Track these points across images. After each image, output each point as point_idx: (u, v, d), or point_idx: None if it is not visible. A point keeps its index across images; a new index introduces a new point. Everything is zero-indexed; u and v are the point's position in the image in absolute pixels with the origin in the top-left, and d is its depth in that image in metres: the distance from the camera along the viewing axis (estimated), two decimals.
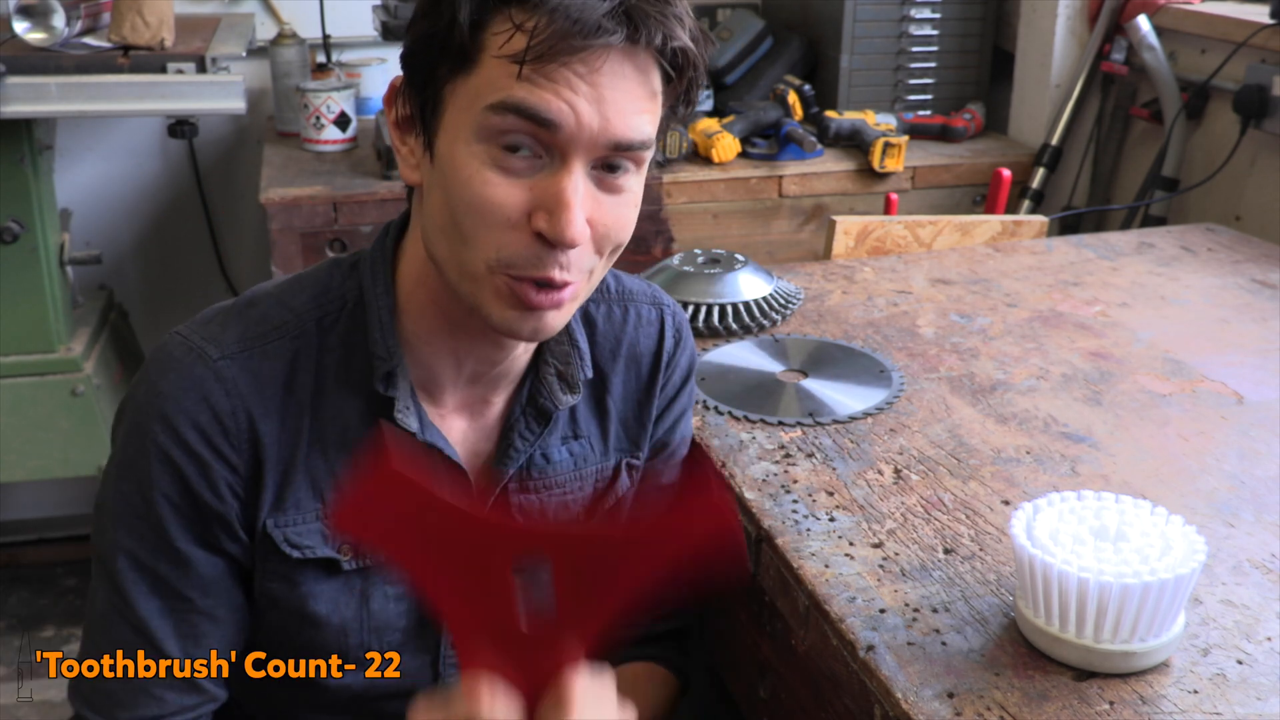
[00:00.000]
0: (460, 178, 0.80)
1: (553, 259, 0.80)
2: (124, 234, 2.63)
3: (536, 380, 0.95)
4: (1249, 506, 1.03)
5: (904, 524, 1.01)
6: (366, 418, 0.89)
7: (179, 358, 0.86)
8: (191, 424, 0.84)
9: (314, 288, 0.91)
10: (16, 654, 2.46)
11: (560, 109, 0.77)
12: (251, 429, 0.85)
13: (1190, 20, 2.06)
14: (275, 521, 0.88)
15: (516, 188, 0.79)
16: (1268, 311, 1.47)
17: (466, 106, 0.79)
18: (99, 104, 1.88)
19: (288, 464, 0.87)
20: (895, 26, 2.39)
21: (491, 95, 0.77)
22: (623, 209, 0.83)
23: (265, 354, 0.87)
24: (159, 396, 0.85)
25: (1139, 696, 0.80)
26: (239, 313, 0.89)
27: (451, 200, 0.81)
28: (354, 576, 0.92)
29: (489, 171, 0.79)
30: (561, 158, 0.79)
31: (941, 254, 1.71)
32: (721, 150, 2.18)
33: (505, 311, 0.83)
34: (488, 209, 0.79)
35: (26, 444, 2.12)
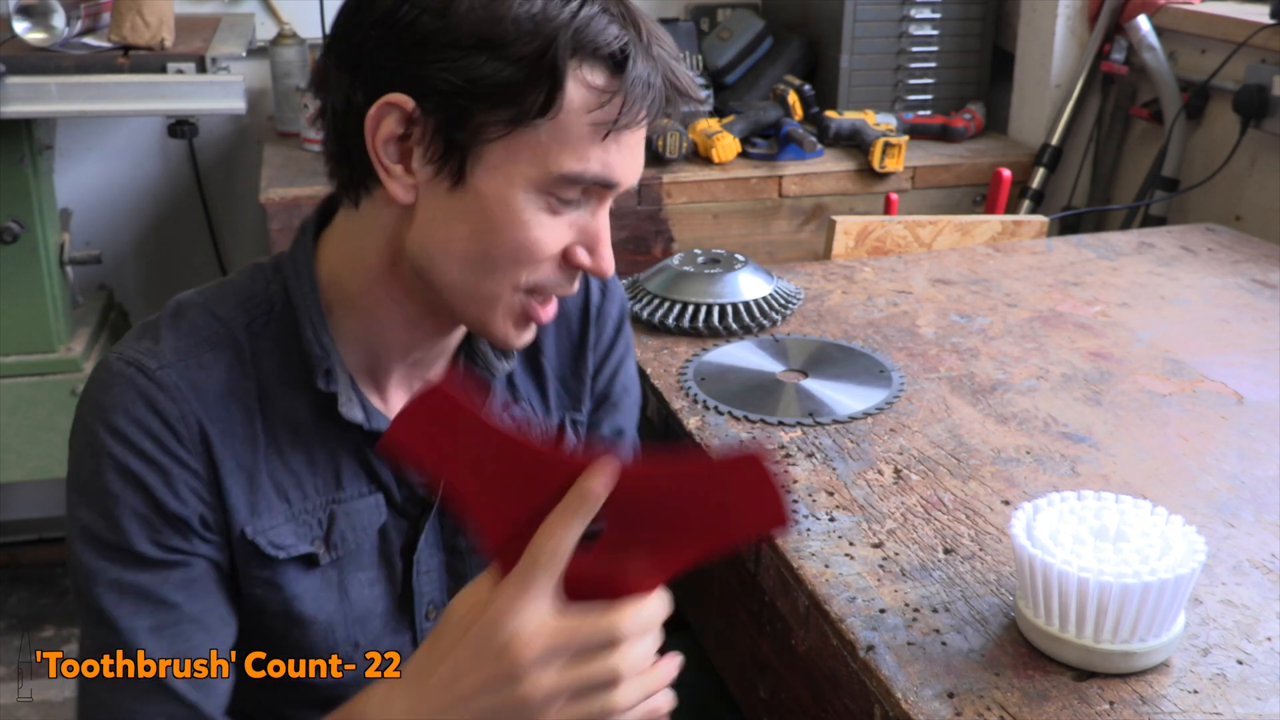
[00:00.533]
0: (510, 218, 0.82)
1: (575, 279, 0.88)
2: (124, 234, 2.63)
3: (470, 352, 0.98)
4: (1249, 506, 1.03)
5: (904, 524, 1.01)
6: (314, 413, 0.90)
7: (118, 371, 0.85)
8: (143, 431, 0.83)
9: (238, 295, 0.91)
10: (16, 654, 2.46)
11: (624, 172, 0.84)
12: (202, 433, 0.85)
13: (1190, 20, 2.06)
14: (254, 528, 0.88)
15: (560, 227, 0.84)
16: (1268, 311, 1.48)
17: (532, 161, 0.81)
18: (99, 104, 1.88)
19: (250, 469, 0.88)
20: (895, 26, 2.39)
21: (572, 164, 0.81)
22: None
23: (201, 364, 0.86)
24: (106, 411, 0.84)
25: (1139, 696, 0.80)
26: (168, 325, 0.88)
27: (492, 237, 0.83)
28: (330, 570, 0.92)
29: (544, 215, 0.83)
30: (599, 200, 0.86)
31: (941, 254, 1.71)
32: (721, 150, 2.18)
33: (511, 329, 0.88)
34: (537, 249, 0.84)
35: (26, 444, 2.12)
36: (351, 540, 0.93)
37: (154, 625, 0.85)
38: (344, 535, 0.92)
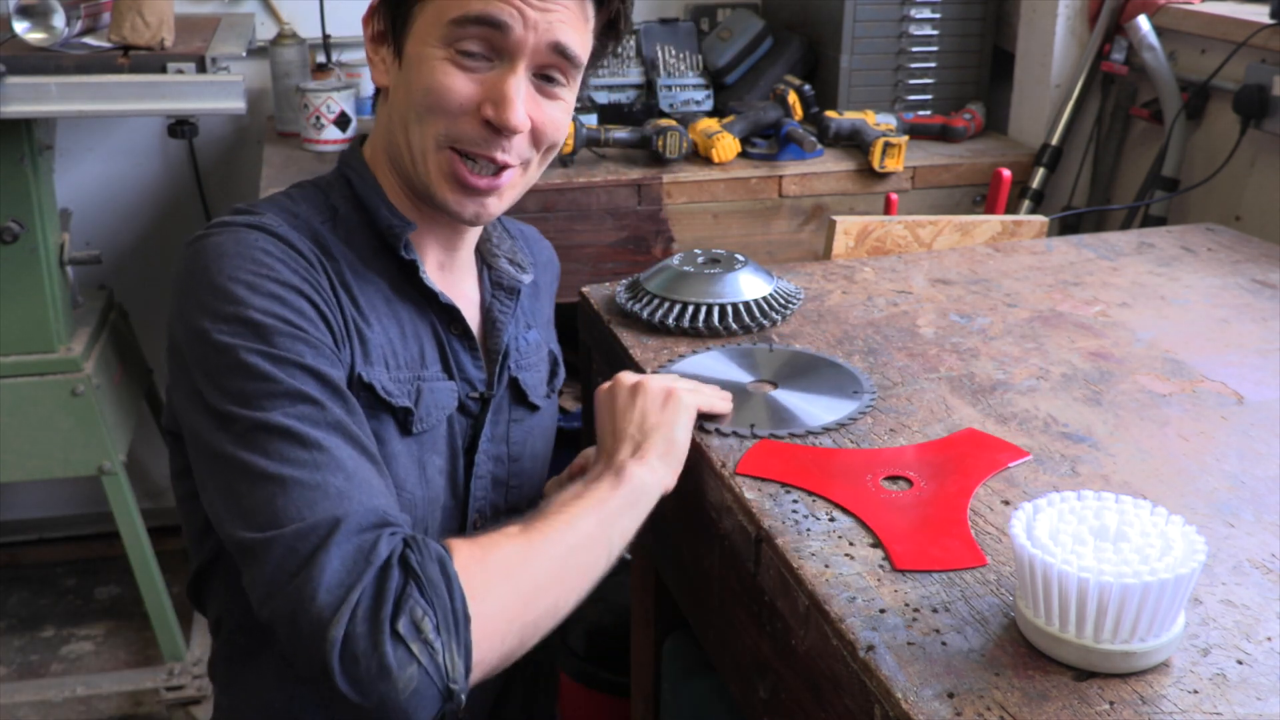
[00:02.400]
0: (424, 69, 0.97)
1: (496, 142, 0.98)
2: (124, 234, 2.63)
3: (493, 270, 1.17)
4: (1249, 506, 1.03)
5: None
6: (390, 295, 1.02)
7: (240, 224, 0.95)
8: (294, 254, 0.93)
9: (306, 201, 1.04)
10: (16, 654, 2.46)
11: (511, 13, 0.95)
12: (328, 274, 0.96)
13: (1190, 20, 2.06)
14: (368, 373, 0.96)
15: (470, 82, 0.97)
16: (1268, 311, 1.48)
17: (433, 20, 0.96)
18: (99, 104, 1.88)
19: (358, 321, 0.98)
20: (895, 26, 2.39)
21: (454, 11, 0.95)
22: (557, 111, 1.02)
23: (296, 239, 0.96)
24: (251, 247, 0.91)
25: (1139, 696, 0.80)
26: (258, 209, 0.99)
27: (413, 89, 0.97)
28: (413, 443, 1.01)
29: (449, 66, 0.96)
30: (510, 59, 0.97)
31: (941, 254, 1.71)
32: (721, 150, 2.18)
33: (448, 194, 1.00)
34: (444, 94, 0.96)
35: (26, 444, 2.12)
36: (430, 419, 1.03)
37: (333, 422, 0.86)
38: (428, 410, 1.02)
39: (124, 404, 2.29)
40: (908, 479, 1.07)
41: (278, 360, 0.85)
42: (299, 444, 0.83)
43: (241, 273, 0.88)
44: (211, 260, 0.89)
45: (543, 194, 2.06)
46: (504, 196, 1.03)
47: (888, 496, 1.05)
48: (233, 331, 0.86)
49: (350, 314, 0.97)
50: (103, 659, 2.45)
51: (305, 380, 0.86)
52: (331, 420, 0.85)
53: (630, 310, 1.42)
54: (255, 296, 0.87)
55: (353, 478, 0.83)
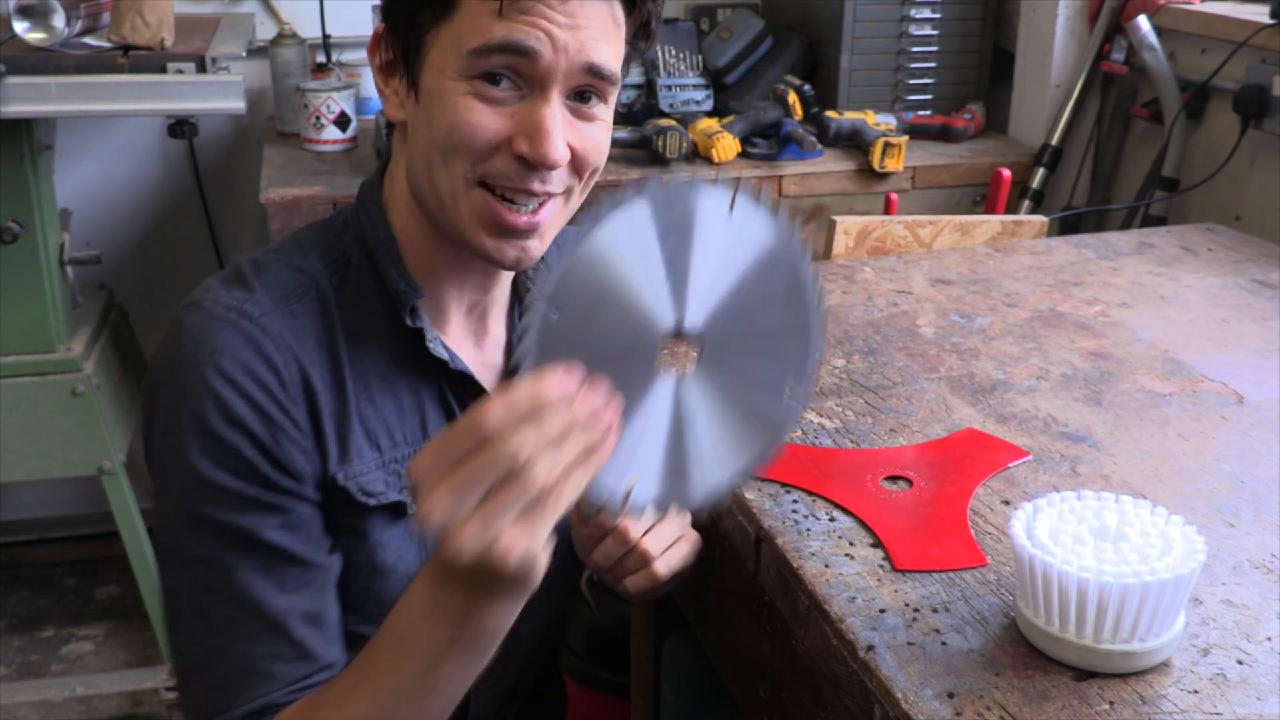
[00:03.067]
0: (445, 105, 0.86)
1: (534, 175, 0.88)
2: (124, 234, 2.63)
3: (524, 309, 0.99)
4: (1249, 506, 1.03)
5: None
6: (398, 358, 0.93)
7: (221, 316, 0.87)
8: (252, 377, 0.85)
9: (317, 249, 0.95)
10: (16, 654, 2.46)
11: (539, 37, 0.84)
12: (305, 378, 0.88)
13: (1190, 20, 2.06)
14: (345, 473, 0.90)
15: (498, 115, 0.86)
16: (1268, 311, 1.48)
17: (450, 49, 0.86)
18: (99, 104, 1.88)
19: (340, 415, 0.90)
20: (895, 26, 2.39)
21: (474, 39, 0.84)
22: (597, 134, 0.91)
23: (294, 313, 0.89)
24: (213, 354, 0.85)
25: (1139, 696, 0.80)
26: (252, 276, 0.91)
27: (435, 127, 0.87)
28: (414, 520, 0.93)
29: (473, 100, 0.86)
30: (541, 87, 0.86)
31: (941, 254, 1.71)
32: (721, 150, 2.18)
33: (484, 238, 0.89)
34: (470, 130, 0.86)
35: (26, 444, 2.11)
36: None
37: (262, 566, 0.85)
38: None
39: (124, 404, 2.29)
40: (908, 479, 1.07)
41: (202, 522, 0.84)
42: (197, 614, 0.86)
43: (195, 429, 0.84)
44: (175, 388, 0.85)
45: None
46: (546, 235, 0.92)
47: (888, 496, 1.05)
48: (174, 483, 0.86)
49: (329, 412, 0.89)
50: (103, 659, 2.45)
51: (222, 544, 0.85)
52: (235, 594, 0.84)
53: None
54: (202, 461, 0.84)
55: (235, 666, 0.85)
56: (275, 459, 0.85)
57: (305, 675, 0.87)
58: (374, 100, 2.44)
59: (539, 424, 0.66)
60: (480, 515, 0.66)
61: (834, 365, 1.33)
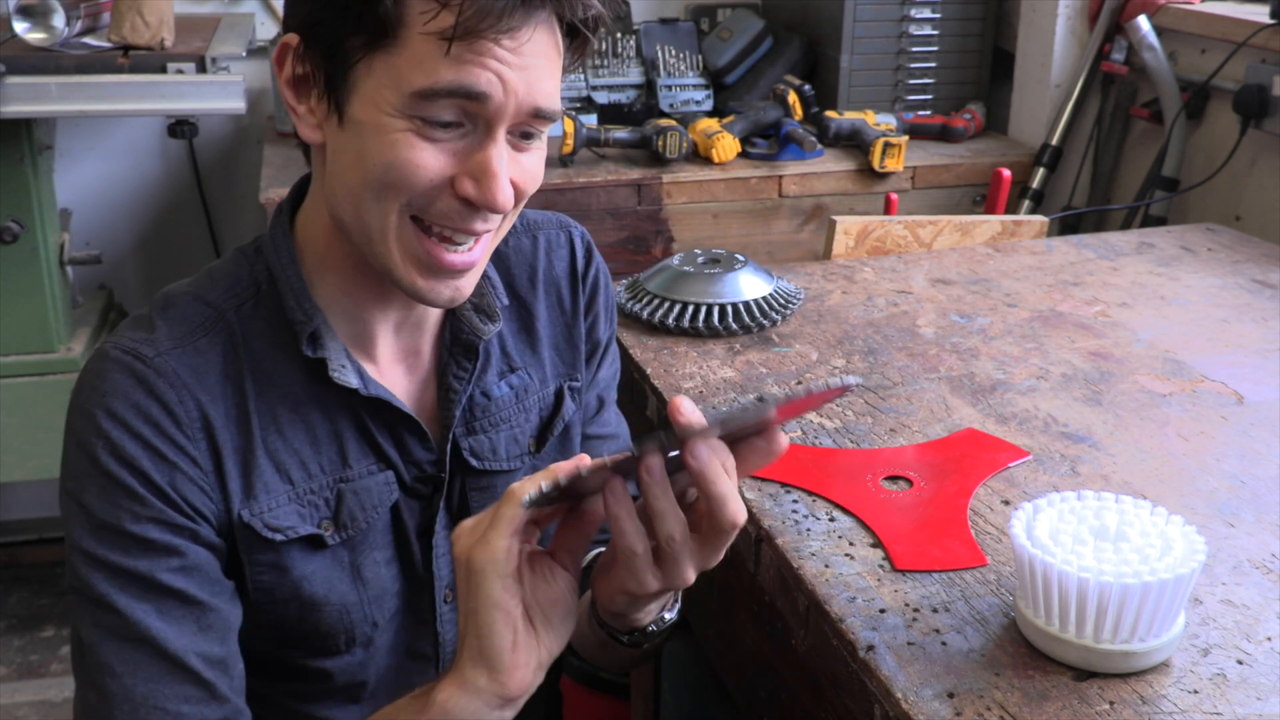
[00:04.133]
0: (381, 141, 0.80)
1: (477, 216, 0.83)
2: (124, 234, 2.63)
3: (455, 319, 0.97)
4: (1249, 506, 1.03)
5: None
6: (309, 386, 0.89)
7: (115, 359, 0.84)
8: (143, 417, 0.83)
9: (225, 280, 0.91)
10: (16, 654, 2.46)
11: (490, 80, 0.78)
12: (203, 415, 0.85)
13: (1190, 20, 2.06)
14: (250, 510, 0.87)
15: (441, 153, 0.81)
16: (1268, 311, 1.48)
17: (389, 84, 0.79)
18: (99, 104, 1.88)
19: (245, 450, 0.87)
20: (895, 26, 2.39)
21: (419, 79, 0.78)
22: (536, 165, 0.87)
23: (197, 349, 0.86)
24: (104, 396, 0.83)
25: (1139, 696, 0.80)
26: (160, 314, 0.88)
27: (367, 162, 0.81)
28: (340, 550, 0.91)
29: (414, 138, 0.80)
30: (487, 127, 0.81)
31: (941, 254, 1.71)
32: (721, 150, 2.18)
33: (420, 280, 0.85)
34: (412, 171, 0.80)
35: (26, 444, 2.12)
36: (362, 519, 0.92)
37: (159, 609, 0.83)
38: (353, 514, 0.91)
39: None
40: (908, 479, 1.07)
41: (98, 564, 0.83)
42: (99, 658, 0.84)
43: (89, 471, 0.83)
44: (71, 432, 0.84)
45: (543, 194, 2.06)
46: (479, 268, 0.88)
47: (888, 496, 1.05)
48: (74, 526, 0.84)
49: (231, 448, 0.86)
50: None
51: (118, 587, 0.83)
52: (135, 635, 0.83)
53: (630, 310, 1.42)
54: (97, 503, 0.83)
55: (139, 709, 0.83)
56: (169, 498, 0.83)
57: (215, 718, 0.85)
58: None
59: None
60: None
61: (834, 365, 1.33)
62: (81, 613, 0.85)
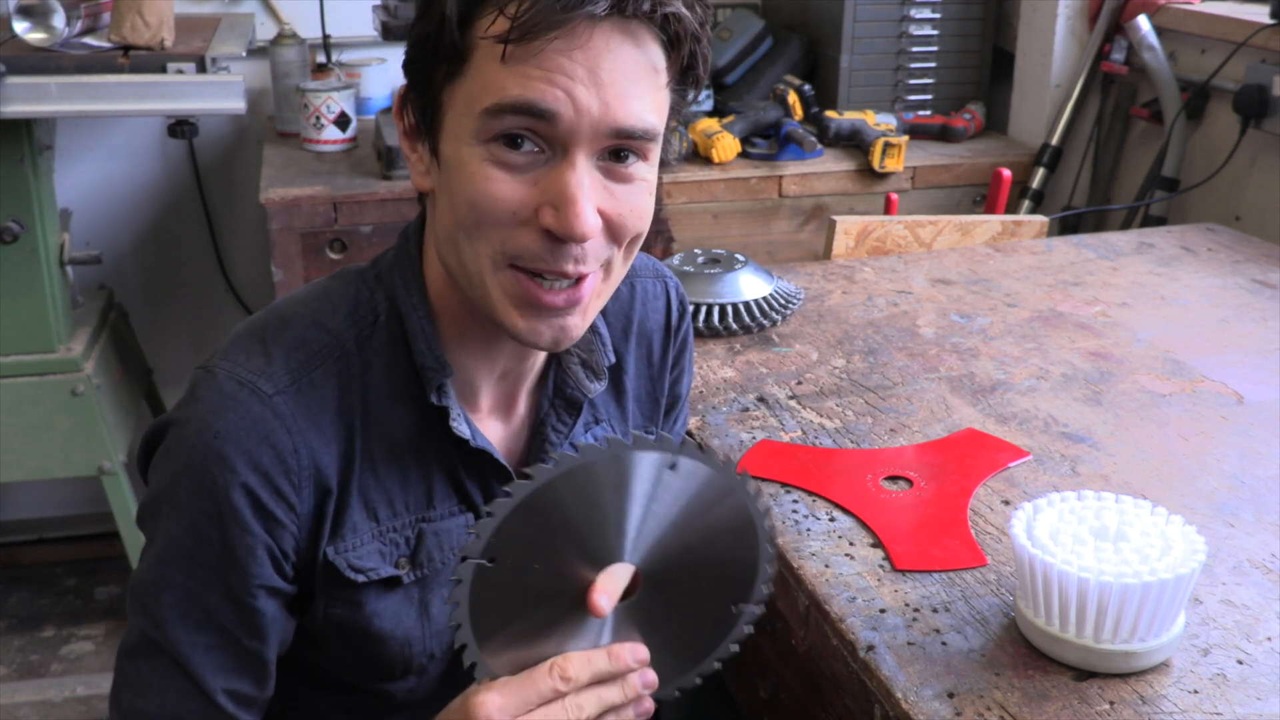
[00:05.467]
0: (463, 175, 0.78)
1: (565, 253, 0.78)
2: (124, 234, 2.63)
3: (560, 371, 0.94)
4: (1249, 506, 1.03)
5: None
6: (415, 431, 0.87)
7: (231, 394, 0.81)
8: (254, 468, 0.80)
9: (346, 304, 0.87)
10: (16, 654, 2.46)
11: (556, 97, 0.74)
12: (314, 464, 0.83)
13: (1190, 20, 2.06)
14: (336, 549, 0.85)
15: (521, 184, 0.77)
16: (1268, 311, 1.48)
17: (465, 110, 0.77)
18: (99, 104, 1.88)
19: (343, 488, 0.85)
20: (895, 26, 2.39)
21: (486, 98, 0.75)
22: (635, 197, 0.81)
23: (313, 382, 0.83)
24: (217, 438, 0.80)
25: (1139, 696, 0.80)
26: (275, 337, 0.85)
27: (456, 201, 0.79)
28: (413, 588, 0.90)
29: (491, 168, 0.77)
30: (564, 150, 0.76)
31: (941, 254, 1.71)
32: (721, 150, 2.18)
33: (520, 320, 0.81)
34: (492, 204, 0.77)
35: (26, 444, 2.11)
36: (438, 559, 0.90)
37: (210, 644, 0.83)
38: (430, 554, 0.90)
39: (124, 404, 2.29)
40: (908, 479, 1.07)
41: (166, 585, 0.83)
42: (142, 663, 0.85)
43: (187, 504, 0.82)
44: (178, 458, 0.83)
45: None
46: (588, 311, 0.83)
47: (888, 496, 1.05)
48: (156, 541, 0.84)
49: (334, 493, 0.85)
50: (103, 659, 2.45)
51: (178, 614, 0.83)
52: (174, 659, 0.84)
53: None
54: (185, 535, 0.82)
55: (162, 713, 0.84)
56: (262, 551, 0.82)
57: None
58: (374, 100, 2.44)
59: (606, 689, 0.76)
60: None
61: (834, 365, 1.33)
62: (136, 610, 0.85)
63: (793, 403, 1.24)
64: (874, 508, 1.03)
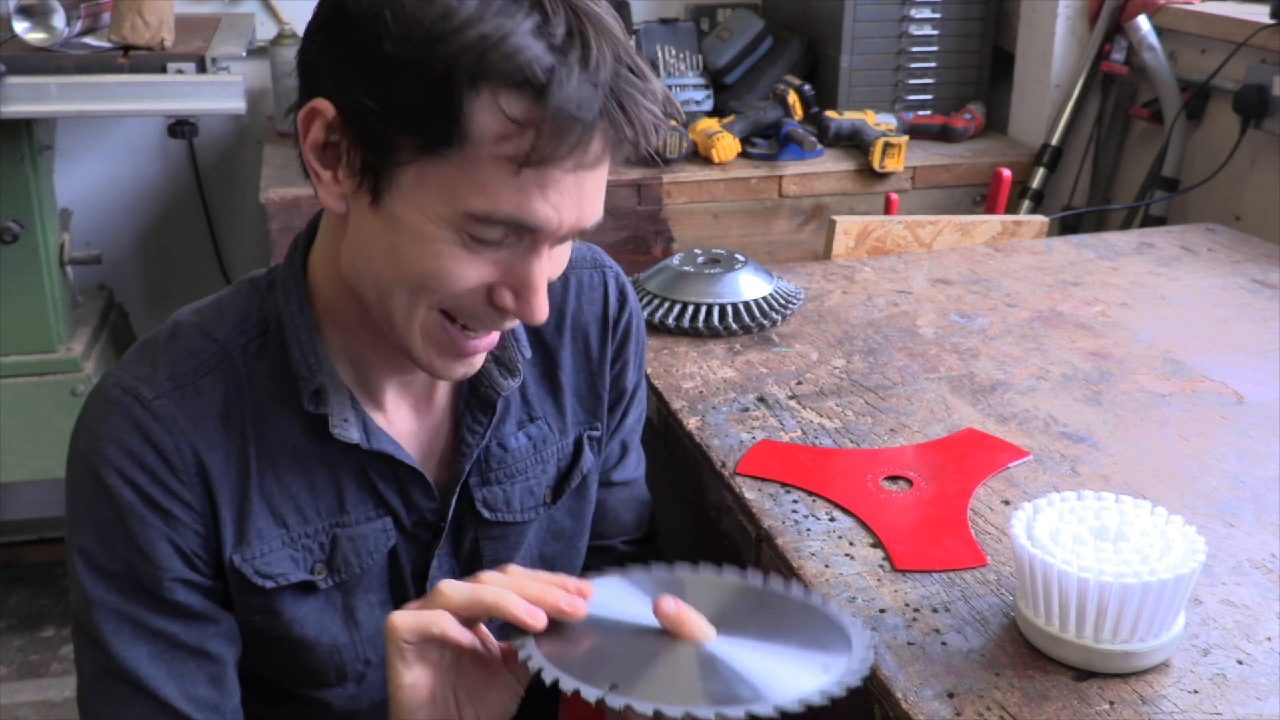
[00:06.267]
0: (422, 247, 0.77)
1: (506, 321, 0.82)
2: (124, 234, 2.63)
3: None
4: (1249, 506, 1.03)
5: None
6: (310, 434, 0.87)
7: (114, 399, 0.83)
8: (137, 464, 0.82)
9: (234, 315, 0.88)
10: (16, 654, 2.46)
11: (548, 215, 0.75)
12: (198, 462, 0.84)
13: (1190, 20, 2.06)
14: (242, 556, 0.86)
15: (483, 265, 0.78)
16: (1268, 311, 1.48)
17: (441, 197, 0.75)
18: (99, 104, 1.88)
19: (241, 496, 0.86)
20: (895, 26, 2.39)
21: (479, 203, 0.74)
22: (565, 255, 0.85)
23: (198, 389, 0.84)
24: (100, 440, 0.82)
25: (1139, 696, 0.80)
26: (165, 348, 0.86)
27: (403, 261, 0.78)
28: (333, 593, 0.90)
29: (459, 249, 0.77)
30: (532, 244, 0.78)
31: (941, 254, 1.71)
32: (721, 150, 2.18)
33: (434, 359, 0.83)
34: (451, 281, 0.78)
35: (26, 444, 2.12)
36: (356, 564, 0.90)
37: (151, 653, 0.84)
38: (347, 559, 0.90)
39: None
40: (908, 479, 1.07)
41: (94, 605, 0.84)
42: (97, 692, 0.86)
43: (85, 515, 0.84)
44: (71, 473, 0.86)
45: None
46: (491, 348, 0.87)
47: (888, 496, 1.05)
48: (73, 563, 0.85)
49: (227, 495, 0.85)
50: None
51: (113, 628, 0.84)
52: (129, 677, 0.85)
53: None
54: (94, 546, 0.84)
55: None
56: (165, 546, 0.83)
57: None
58: None
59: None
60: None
61: (834, 365, 1.33)
62: (80, 645, 0.86)
63: (793, 403, 1.24)
64: (874, 508, 1.03)
